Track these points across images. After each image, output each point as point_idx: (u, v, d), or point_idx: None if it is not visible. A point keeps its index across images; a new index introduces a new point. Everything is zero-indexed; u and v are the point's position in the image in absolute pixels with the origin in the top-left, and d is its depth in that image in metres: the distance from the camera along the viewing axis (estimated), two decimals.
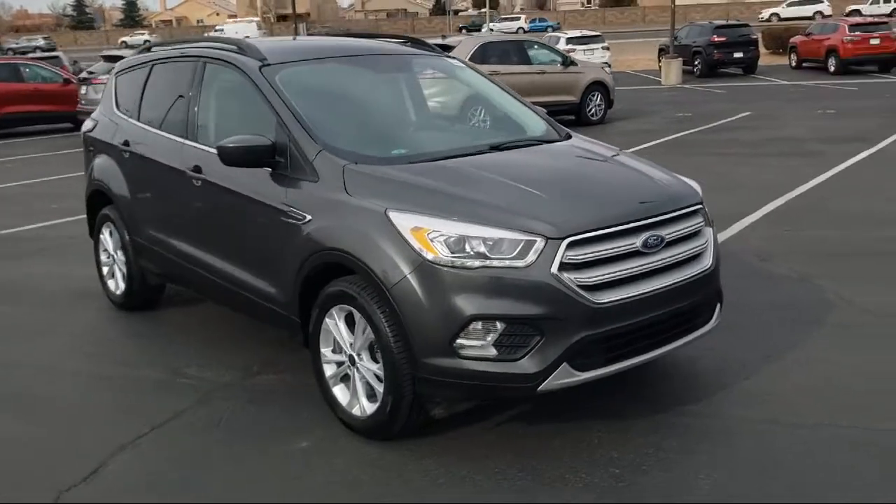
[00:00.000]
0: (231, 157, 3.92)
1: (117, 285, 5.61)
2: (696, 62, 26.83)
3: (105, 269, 5.75)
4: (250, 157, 3.90)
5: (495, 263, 3.20)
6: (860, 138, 12.13)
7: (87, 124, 5.87)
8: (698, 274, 3.61)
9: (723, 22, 28.84)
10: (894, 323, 4.88)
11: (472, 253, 3.22)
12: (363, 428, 3.62)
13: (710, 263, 3.70)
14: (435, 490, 3.25)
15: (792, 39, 28.57)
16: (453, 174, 3.68)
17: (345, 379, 3.74)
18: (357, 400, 3.65)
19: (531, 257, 3.18)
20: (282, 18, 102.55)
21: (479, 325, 3.20)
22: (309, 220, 3.70)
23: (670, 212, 3.55)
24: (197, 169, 4.43)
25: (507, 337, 3.20)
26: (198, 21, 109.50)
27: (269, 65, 4.28)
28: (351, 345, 3.62)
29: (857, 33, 24.98)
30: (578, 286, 3.21)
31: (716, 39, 26.24)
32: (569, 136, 4.44)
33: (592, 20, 75.06)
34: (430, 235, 3.27)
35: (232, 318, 5.22)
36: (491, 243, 3.22)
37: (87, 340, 5.20)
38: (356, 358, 3.60)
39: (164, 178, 4.81)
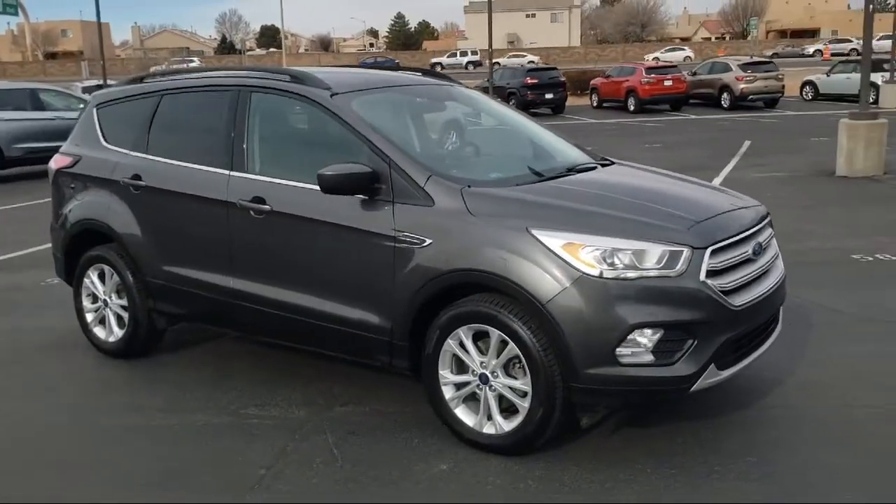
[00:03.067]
0: (331, 185, 3.88)
1: (110, 332, 5.21)
2: (511, 102, 28.41)
3: (90, 316, 5.32)
4: (350, 184, 3.89)
5: (650, 273, 3.44)
6: (704, 167, 13.49)
7: (62, 160, 5.42)
8: (782, 278, 4.04)
9: (534, 65, 30.78)
10: None
11: (623, 265, 3.44)
12: (500, 446, 3.69)
13: (783, 269, 4.15)
14: (609, 494, 3.40)
15: (593, 81, 31.01)
16: (570, 193, 3.89)
17: (469, 400, 3.79)
18: (489, 419, 3.72)
19: (681, 266, 3.45)
20: (51, 56, 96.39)
21: (639, 332, 3.41)
22: (429, 244, 3.74)
23: (760, 221, 3.97)
24: (258, 200, 4.29)
25: (663, 342, 3.44)
26: None
27: (337, 94, 4.28)
28: (482, 363, 3.68)
29: (652, 76, 27.62)
30: (721, 291, 3.52)
31: (529, 81, 27.93)
32: (606, 160, 4.78)
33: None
34: (584, 250, 3.45)
35: (231, 354, 5.09)
36: (641, 255, 3.45)
37: (105, 392, 4.78)
38: (489, 376, 3.67)
39: (200, 212, 4.59)
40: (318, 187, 4.02)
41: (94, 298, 5.28)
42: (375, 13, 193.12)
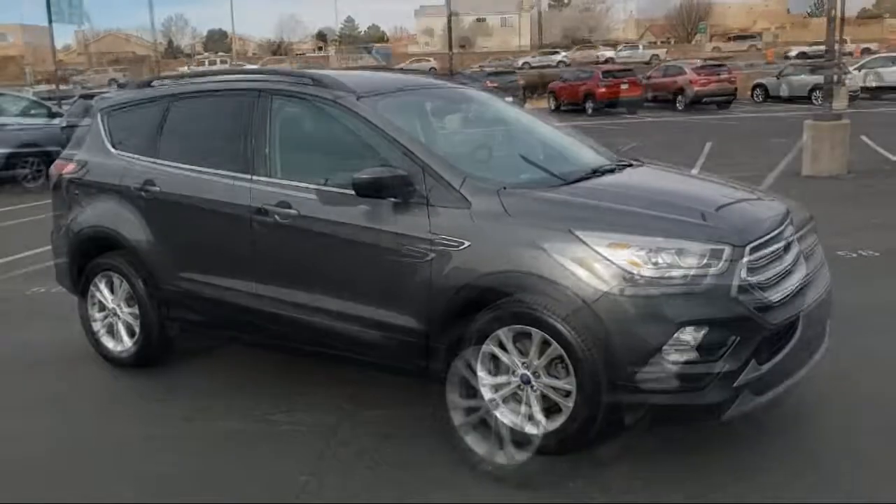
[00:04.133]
0: (367, 188, 3.89)
1: (120, 341, 5.11)
2: None
3: (97, 326, 5.21)
4: (386, 187, 3.89)
5: (692, 272, 3.50)
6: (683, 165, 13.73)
7: (65, 166, 5.31)
8: (828, 289, 4.08)
9: (493, 69, 31.01)
10: None
11: (667, 264, 3.50)
12: (543, 445, 3.72)
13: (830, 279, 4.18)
14: (655, 495, 3.47)
15: (550, 85, 31.37)
16: (607, 193, 3.95)
17: (508, 401, 3.81)
18: (530, 419, 3.75)
19: (723, 264, 3.52)
20: None
21: (685, 330, 3.47)
22: (467, 247, 3.76)
23: (785, 219, 4.07)
24: (284, 205, 4.26)
25: (708, 339, 3.50)
26: None
27: (363, 97, 4.27)
28: (524, 364, 3.71)
29: (609, 79, 28.06)
30: (760, 287, 3.60)
31: (488, 85, 28.08)
32: (634, 161, 4.86)
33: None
34: (628, 250, 3.50)
35: (242, 362, 5.07)
36: (683, 253, 3.52)
37: (120, 404, 4.69)
38: (531, 377, 3.70)
39: (221, 218, 4.54)
40: (346, 191, 4.02)
41: (102, 307, 5.18)
42: (324, 17, 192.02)
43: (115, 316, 5.11)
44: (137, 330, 5.01)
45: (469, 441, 3.80)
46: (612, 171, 4.50)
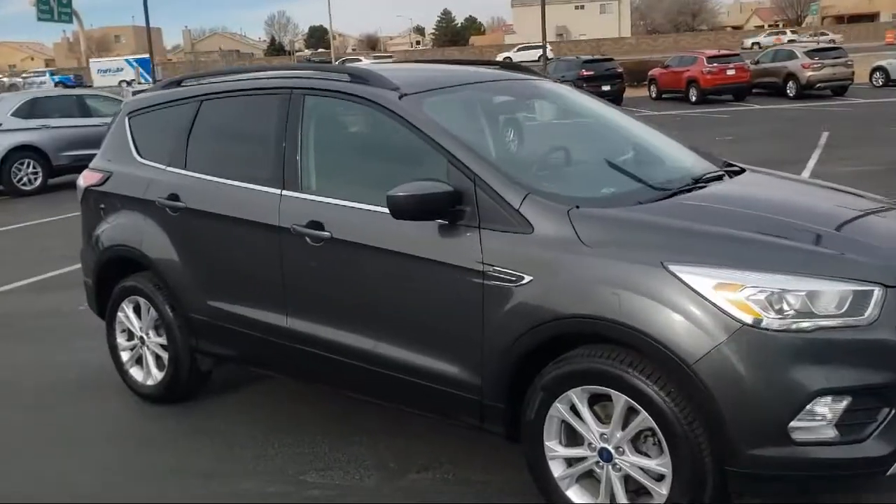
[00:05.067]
0: (403, 208, 3.13)
1: (148, 373, 4.53)
2: None
3: (125, 355, 4.65)
4: (427, 207, 3.13)
5: (830, 322, 2.61)
6: (786, 161, 12.45)
7: (92, 177, 4.76)
8: None
9: (590, 57, 29.75)
10: None
11: (794, 311, 2.62)
12: None
13: None
14: None
15: (651, 72, 29.85)
16: (710, 213, 3.08)
17: (584, 478, 3.00)
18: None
19: (871, 311, 2.62)
20: None
21: (818, 401, 2.59)
22: (528, 282, 2.96)
23: None
24: (315, 225, 3.56)
25: (851, 413, 2.61)
26: (10, 66, 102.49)
27: (406, 95, 3.52)
28: (603, 435, 2.89)
29: (714, 65, 26.43)
30: None
31: (584, 73, 26.92)
32: (733, 166, 3.95)
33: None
34: (743, 292, 2.63)
35: (285, 399, 4.41)
36: (817, 297, 2.63)
37: (142, 449, 4.10)
38: (612, 452, 2.88)
39: (248, 239, 3.89)
40: (386, 210, 3.29)
41: (130, 335, 4.62)
42: (421, 11, 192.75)
43: (142, 345, 4.54)
44: (166, 362, 4.41)
45: None
46: (717, 179, 3.61)
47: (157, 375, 4.49)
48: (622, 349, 2.80)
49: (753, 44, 61.34)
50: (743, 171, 3.82)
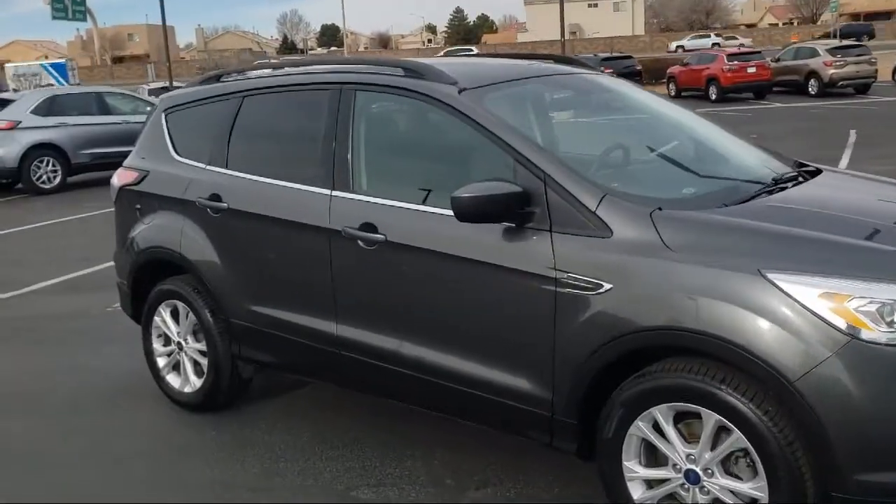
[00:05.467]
0: (470, 210, 2.94)
1: (186, 380, 4.36)
2: None
3: (162, 361, 4.48)
4: (495, 209, 2.93)
5: None
6: (818, 160, 12.14)
7: (127, 175, 4.58)
8: None
9: (608, 54, 29.48)
10: None
11: None
12: None
13: None
14: None
15: (670, 70, 29.55)
16: (802, 215, 2.87)
17: (668, 500, 2.80)
18: None
19: None
20: (118, 60, 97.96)
21: None
22: (608, 290, 2.76)
23: None
24: (368, 227, 3.37)
25: None
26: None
27: (466, 89, 3.32)
28: (689, 456, 2.69)
29: (735, 62, 26.13)
30: None
31: (603, 71, 26.62)
32: (806, 166, 3.74)
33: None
34: (851, 303, 2.42)
35: (334, 405, 4.21)
36: None
37: (182, 461, 3.92)
38: (700, 474, 2.68)
39: (295, 241, 3.70)
40: (445, 211, 3.11)
41: (167, 340, 4.44)
42: (433, 9, 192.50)
43: (180, 351, 4.36)
44: (206, 369, 4.24)
45: None
46: (795, 180, 3.39)
47: (195, 382, 4.32)
48: (714, 364, 2.60)
49: (678, 47, 60.28)
50: (819, 171, 3.60)
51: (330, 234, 3.53)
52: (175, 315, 4.36)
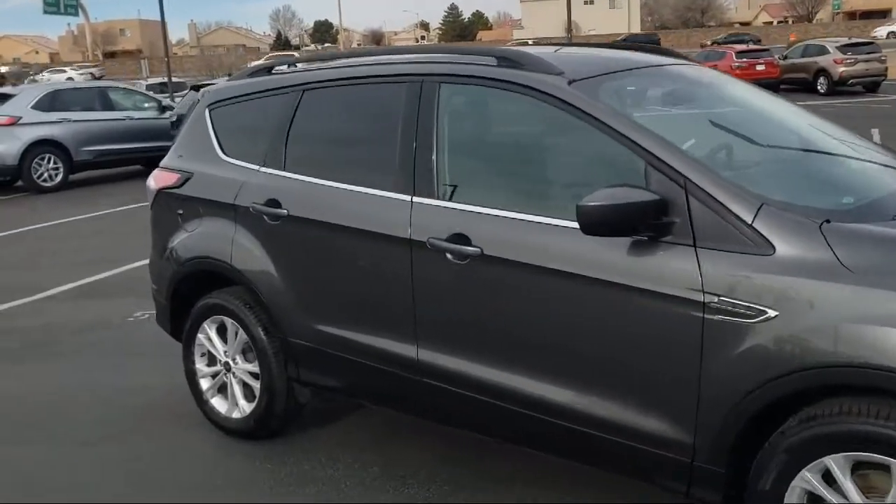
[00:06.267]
0: (599, 221, 2.52)
1: (234, 405, 3.93)
2: None
3: (205, 383, 4.05)
4: (628, 220, 2.52)
5: None
6: None
7: (166, 177, 4.14)
8: None
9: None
10: None
11: None
12: None
13: None
14: None
15: None
16: None
17: None
18: None
19: None
20: (110, 56, 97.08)
21: None
22: (772, 318, 2.34)
23: None
24: (459, 239, 2.95)
25: None
26: (14, 59, 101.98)
27: (576, 80, 2.90)
28: None
29: (744, 60, 25.81)
30: None
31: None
32: None
33: None
34: None
35: (396, 430, 3.75)
36: None
37: (244, 498, 3.49)
38: None
39: (369, 253, 3.28)
40: (557, 221, 2.70)
41: (212, 360, 4.02)
42: (426, 6, 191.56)
43: (227, 372, 3.93)
44: (257, 393, 3.81)
45: None
46: None
47: (244, 407, 3.89)
48: None
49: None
50: None
51: (411, 246, 3.10)
52: (222, 332, 3.93)
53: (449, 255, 2.99)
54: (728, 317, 2.40)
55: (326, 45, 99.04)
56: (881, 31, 58.61)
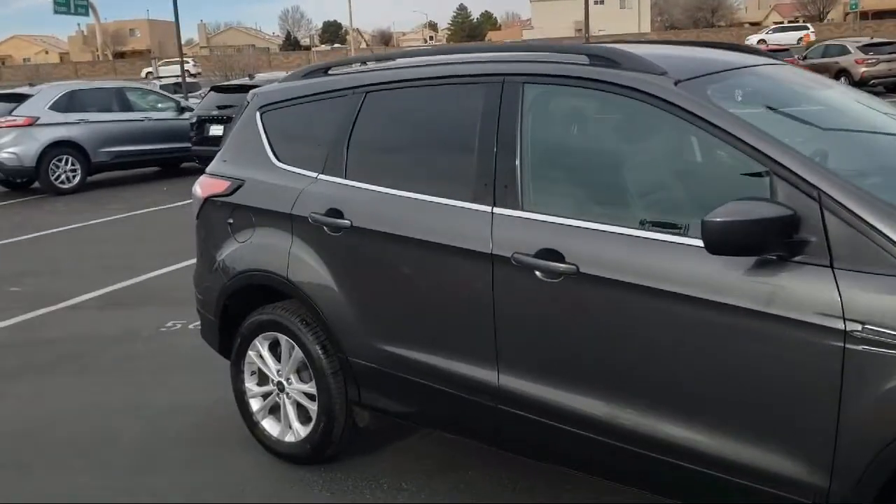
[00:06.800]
0: (726, 239, 2.26)
1: (288, 428, 3.69)
2: None
3: (256, 404, 3.81)
4: (758, 238, 2.26)
5: None
6: None
7: (214, 184, 3.89)
8: None
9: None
10: None
11: None
12: None
13: None
14: None
15: None
16: None
17: None
18: None
19: None
20: (119, 56, 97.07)
21: None
22: None
23: None
24: (550, 255, 2.69)
25: None
26: (24, 60, 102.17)
27: (682, 81, 2.65)
28: None
29: None
30: None
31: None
32: None
33: None
34: None
35: (465, 456, 3.47)
36: None
37: None
38: None
39: (444, 269, 3.02)
40: (665, 237, 2.45)
41: (263, 379, 3.77)
42: (435, 6, 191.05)
43: (281, 392, 3.69)
44: (313, 415, 3.56)
45: None
46: None
47: (299, 430, 3.64)
48: None
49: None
50: None
51: (493, 262, 2.85)
52: (275, 349, 3.68)
53: (538, 273, 2.73)
54: (874, 347, 2.14)
55: (336, 45, 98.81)
56: (753, 39, 56.32)
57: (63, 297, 6.79)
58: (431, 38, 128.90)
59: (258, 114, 3.84)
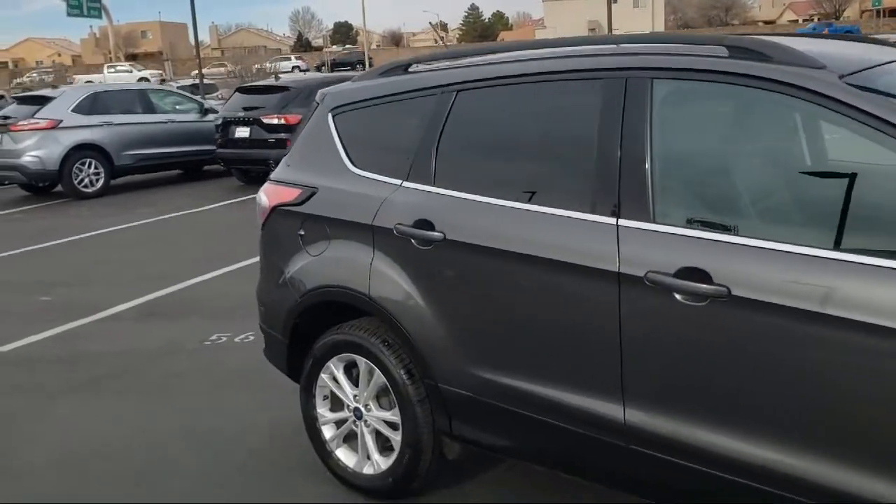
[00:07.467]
0: None
1: (366, 458, 3.36)
2: None
3: (328, 431, 3.48)
4: None
5: None
6: None
7: (282, 192, 3.56)
8: None
9: None
10: None
11: None
12: None
13: None
14: None
15: None
16: None
17: None
18: None
19: None
20: (132, 57, 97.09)
21: None
22: None
23: None
24: (694, 274, 2.34)
25: None
26: (37, 62, 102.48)
27: (847, 76, 2.30)
28: None
29: None
30: None
31: None
32: None
33: None
34: None
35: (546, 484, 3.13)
36: None
37: None
38: None
39: (557, 288, 2.68)
40: (846, 256, 2.12)
41: (337, 403, 3.44)
42: (446, 6, 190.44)
43: (358, 419, 3.36)
44: (396, 446, 3.23)
45: None
46: None
47: (379, 462, 3.31)
48: None
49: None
50: None
51: (619, 282, 2.51)
52: (351, 372, 3.35)
53: (678, 296, 2.38)
54: None
55: (347, 46, 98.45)
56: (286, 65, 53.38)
57: (98, 307, 6.49)
58: (442, 38, 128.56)
59: (330, 116, 3.51)
